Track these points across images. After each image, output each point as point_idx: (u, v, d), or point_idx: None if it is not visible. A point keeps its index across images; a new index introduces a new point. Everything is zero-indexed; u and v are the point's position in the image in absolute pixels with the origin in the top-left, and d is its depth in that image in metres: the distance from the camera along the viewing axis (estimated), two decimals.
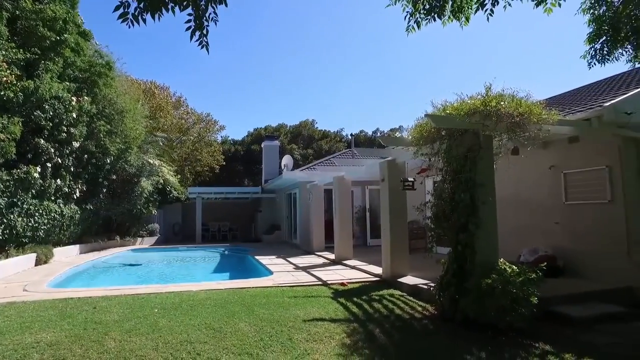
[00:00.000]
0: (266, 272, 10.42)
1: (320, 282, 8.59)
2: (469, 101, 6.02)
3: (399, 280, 8.07)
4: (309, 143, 42.19)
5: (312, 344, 4.88)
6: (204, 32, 2.77)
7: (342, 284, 8.30)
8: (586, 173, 7.46)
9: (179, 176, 25.99)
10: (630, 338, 5.23)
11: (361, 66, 59.26)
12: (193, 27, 2.79)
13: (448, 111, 5.99)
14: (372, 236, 15.60)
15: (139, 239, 20.01)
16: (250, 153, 38.21)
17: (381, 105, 63.19)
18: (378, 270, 9.23)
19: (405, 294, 7.49)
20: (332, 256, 12.38)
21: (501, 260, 5.87)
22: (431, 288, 6.38)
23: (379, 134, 42.78)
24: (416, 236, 11.18)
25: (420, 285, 7.34)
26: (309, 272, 9.95)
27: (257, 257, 13.33)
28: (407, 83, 60.39)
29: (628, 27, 5.26)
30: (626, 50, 5.52)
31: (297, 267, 10.92)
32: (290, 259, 12.75)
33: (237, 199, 25.05)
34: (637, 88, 7.14)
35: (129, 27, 2.81)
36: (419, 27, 5.48)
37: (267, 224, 22.96)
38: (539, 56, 56.13)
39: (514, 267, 5.62)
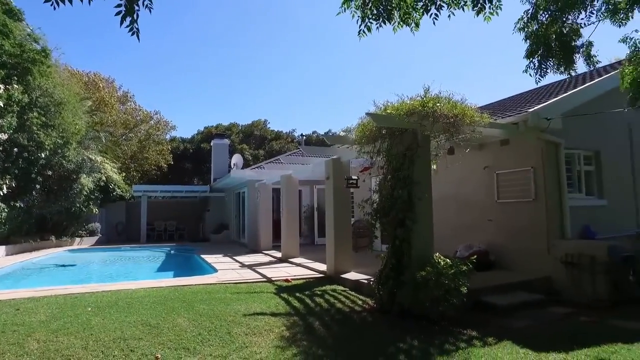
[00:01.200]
0: (211, 270, 10.26)
1: (264, 279, 8.59)
2: (408, 102, 6.29)
3: (342, 276, 8.25)
4: (260, 143, 41.84)
5: (251, 337, 4.89)
6: (135, 17, 2.72)
7: (287, 281, 8.36)
8: (515, 173, 8.02)
9: (124, 174, 24.86)
10: (544, 320, 5.73)
11: (314, 66, 59.70)
12: (123, 12, 2.74)
13: (389, 111, 6.23)
14: (320, 235, 15.78)
15: (78, 239, 18.94)
16: (200, 152, 37.28)
17: (334, 106, 63.95)
18: (323, 267, 9.38)
19: (347, 289, 7.67)
20: (279, 254, 12.41)
21: (436, 255, 6.18)
22: (371, 282, 6.59)
23: (331, 134, 43.18)
24: (362, 234, 11.46)
25: (362, 281, 7.55)
26: (254, 270, 9.91)
27: (203, 256, 13.08)
28: (360, 84, 61.51)
29: (557, 43, 5.70)
30: (555, 63, 5.98)
31: (243, 265, 10.85)
32: (237, 258, 12.62)
33: (185, 198, 24.39)
34: (556, 97, 7.80)
35: (54, 8, 2.71)
36: (369, 31, 5.66)
37: (215, 223, 22.54)
38: (487, 63, 59.26)
39: (447, 260, 5.94)
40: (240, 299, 6.71)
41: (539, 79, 5.65)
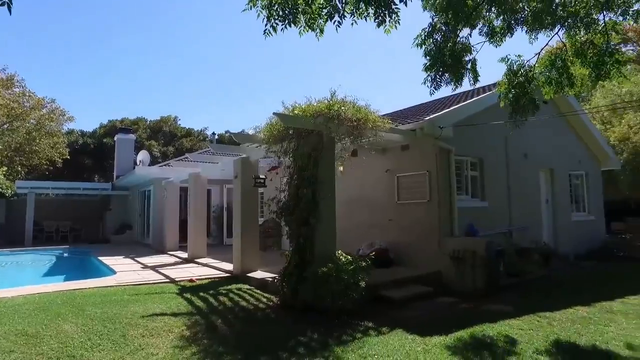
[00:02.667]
0: (109, 272, 9.56)
1: (168, 280, 8.26)
2: (315, 104, 6.53)
3: (249, 275, 8.25)
4: (170, 140, 39.80)
5: (148, 338, 4.71)
6: None
7: (191, 281, 8.13)
8: (413, 177, 8.70)
9: (6, 168, 22.01)
10: (432, 310, 6.33)
11: (228, 64, 58.49)
12: None
13: (296, 112, 6.41)
14: (229, 235, 15.42)
15: None
16: (102, 146, 34.37)
17: (249, 105, 63.12)
18: (230, 267, 9.27)
19: (253, 287, 7.69)
20: (185, 255, 11.97)
21: (339, 252, 6.48)
22: (276, 280, 6.70)
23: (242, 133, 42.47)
24: (270, 234, 11.54)
25: (268, 279, 7.62)
26: (157, 271, 9.46)
27: (100, 258, 12.10)
28: (272, 84, 61.48)
29: (450, 59, 6.17)
30: (449, 77, 6.50)
31: (145, 267, 10.28)
32: (139, 259, 11.91)
33: (84, 196, 22.29)
34: (448, 109, 8.65)
35: None
36: (275, 31, 5.75)
37: (117, 223, 20.96)
38: (394, 74, 62.99)
39: (348, 257, 6.27)
40: (138, 301, 6.38)
41: (433, 90, 6.18)
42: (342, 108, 6.36)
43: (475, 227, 8.54)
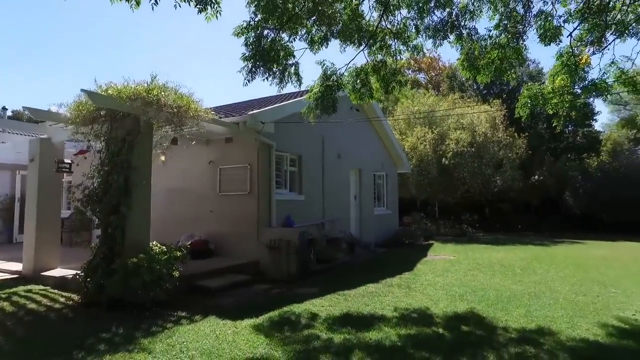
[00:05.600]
0: None
1: None
2: (134, 86, 6.11)
3: (45, 274, 7.18)
4: None
5: None
6: None
7: None
8: (235, 169, 8.91)
9: None
10: (247, 296, 6.63)
11: (22, 33, 48.85)
12: None
13: (110, 92, 5.89)
14: (23, 231, 13.04)
15: None
16: None
17: (58, 80, 53.79)
18: (20, 267, 7.87)
19: (49, 287, 6.74)
20: None
21: (154, 243, 6.22)
22: (78, 276, 6.02)
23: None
24: (80, 227, 10.20)
25: (69, 276, 6.78)
26: None
27: None
28: (89, 62, 53.98)
29: (272, 56, 6.36)
30: (269, 73, 6.70)
31: None
32: None
33: None
34: (268, 106, 9.17)
35: None
36: None
37: None
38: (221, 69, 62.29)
39: (163, 247, 6.07)
40: None
41: (247, 82, 6.29)
42: (163, 93, 6.11)
43: (292, 218, 9.25)
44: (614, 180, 19.98)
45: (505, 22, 6.03)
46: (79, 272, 6.04)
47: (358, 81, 6.78)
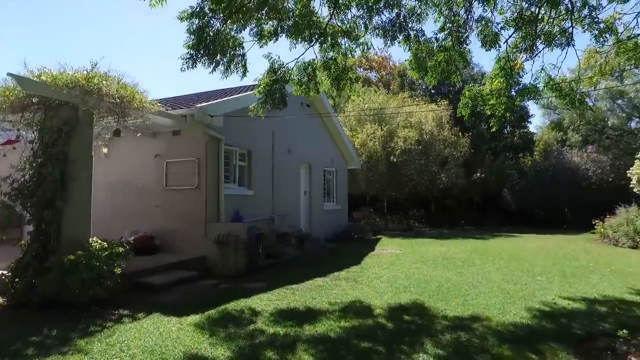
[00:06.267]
0: None
1: None
2: (72, 73, 5.76)
3: None
4: None
5: None
6: None
7: None
8: (183, 163, 8.67)
9: None
10: (193, 292, 6.51)
11: None
12: None
13: (44, 78, 5.51)
14: None
15: None
16: None
17: None
18: None
19: None
20: None
21: (94, 239, 5.93)
22: (4, 277, 5.62)
23: None
24: (6, 224, 9.45)
25: None
26: None
27: None
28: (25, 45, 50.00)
29: (217, 46, 6.14)
30: (211, 63, 6.44)
31: None
32: None
33: None
34: (217, 100, 8.99)
35: None
36: None
37: None
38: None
39: (104, 243, 5.81)
40: None
41: (186, 68, 6.00)
42: (104, 82, 5.82)
43: (241, 214, 9.16)
44: (544, 179, 21.54)
45: (450, 25, 6.32)
46: (4, 272, 5.63)
47: (305, 75, 6.80)
